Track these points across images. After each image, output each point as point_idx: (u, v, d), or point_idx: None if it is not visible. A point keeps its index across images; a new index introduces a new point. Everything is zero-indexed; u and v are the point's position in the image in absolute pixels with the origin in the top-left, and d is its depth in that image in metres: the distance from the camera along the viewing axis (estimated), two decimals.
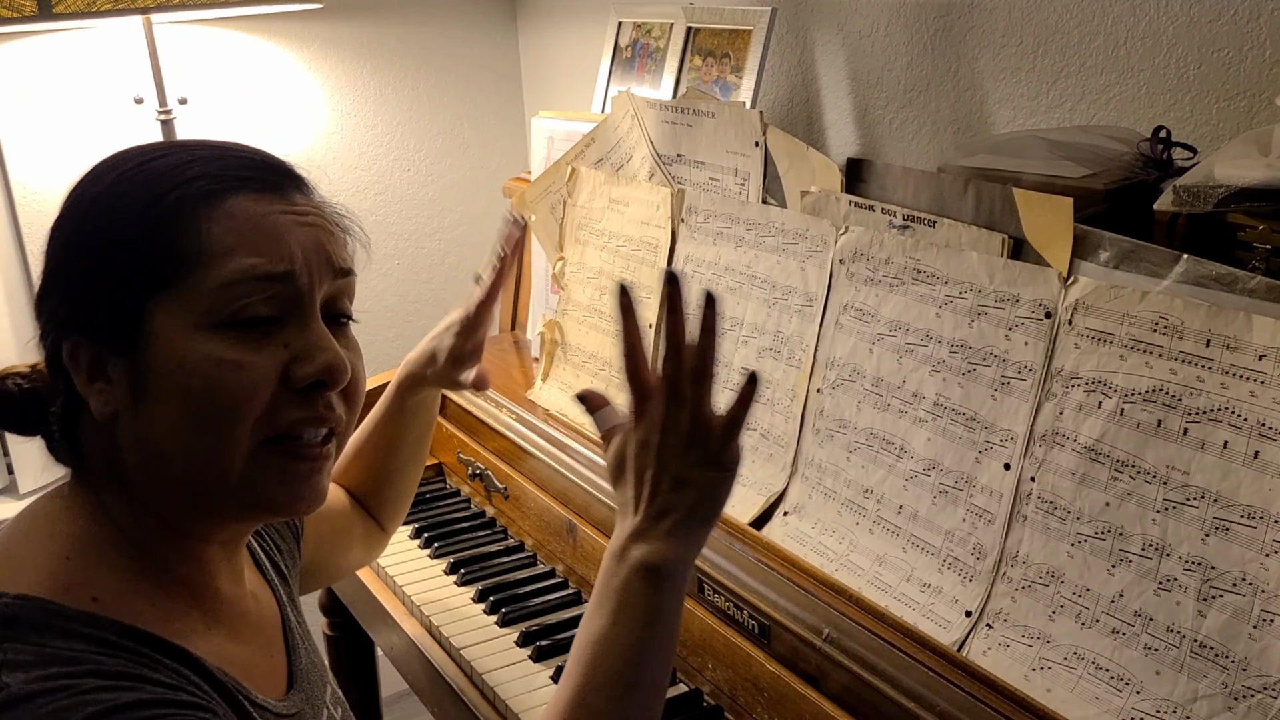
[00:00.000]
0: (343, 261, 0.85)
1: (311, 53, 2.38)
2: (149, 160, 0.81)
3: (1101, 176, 1.13)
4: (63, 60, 2.15)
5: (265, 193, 0.81)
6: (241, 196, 0.80)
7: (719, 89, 1.69)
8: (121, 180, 0.80)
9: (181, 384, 0.77)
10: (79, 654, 0.72)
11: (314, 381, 0.80)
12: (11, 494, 2.24)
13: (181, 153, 0.82)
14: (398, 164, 2.53)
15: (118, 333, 0.78)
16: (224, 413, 0.77)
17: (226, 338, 0.77)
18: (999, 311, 1.05)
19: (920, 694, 0.97)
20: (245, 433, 0.78)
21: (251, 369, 0.78)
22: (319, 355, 0.80)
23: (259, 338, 0.79)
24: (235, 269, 0.77)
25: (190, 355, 0.77)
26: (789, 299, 1.28)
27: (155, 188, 0.79)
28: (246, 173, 0.81)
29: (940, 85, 1.56)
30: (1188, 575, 0.89)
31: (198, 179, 0.79)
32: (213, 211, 0.78)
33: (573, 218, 1.65)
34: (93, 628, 0.74)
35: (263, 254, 0.79)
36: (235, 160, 0.82)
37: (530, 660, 1.31)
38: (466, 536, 1.61)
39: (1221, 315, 0.89)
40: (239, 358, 0.77)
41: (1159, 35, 1.29)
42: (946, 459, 1.09)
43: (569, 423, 1.55)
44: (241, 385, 0.77)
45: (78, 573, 0.77)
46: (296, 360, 0.80)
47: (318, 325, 0.81)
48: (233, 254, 0.78)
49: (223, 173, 0.80)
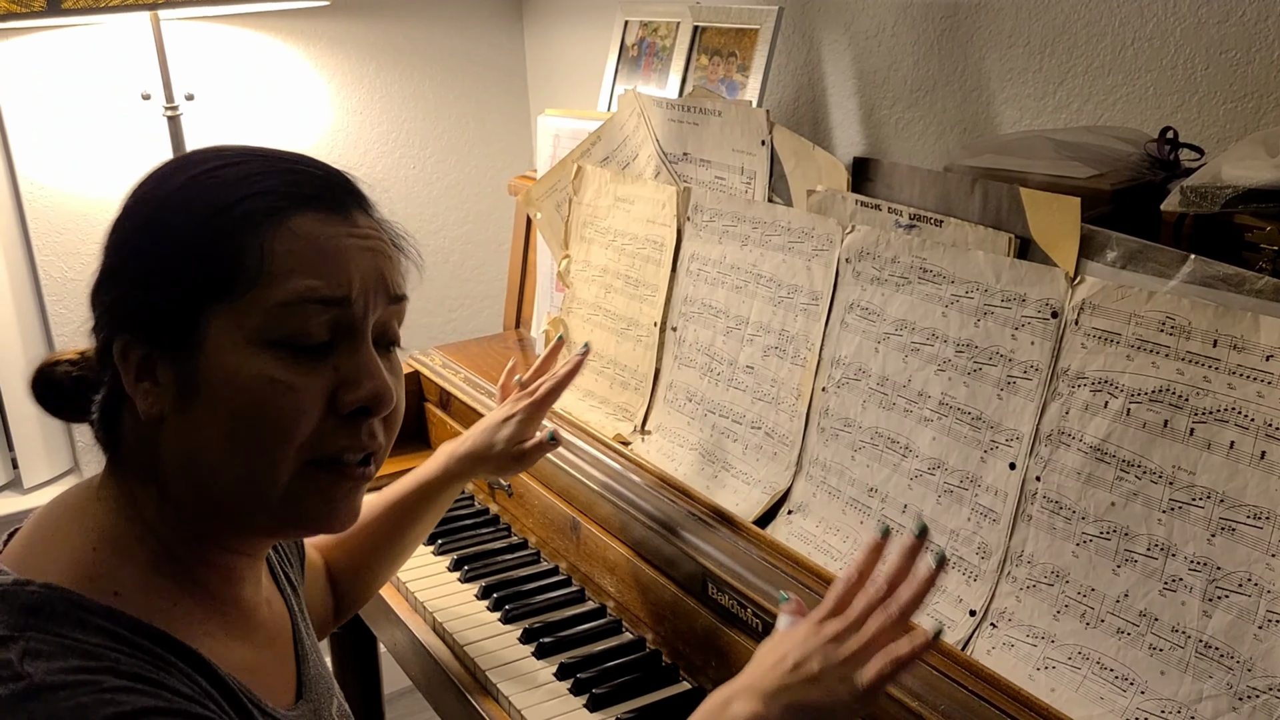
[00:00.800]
0: (398, 287, 0.85)
1: (318, 50, 2.38)
2: (220, 167, 0.81)
3: (1108, 177, 1.13)
4: (70, 56, 2.15)
5: (330, 213, 0.81)
6: (307, 215, 0.80)
7: (725, 88, 1.69)
8: (190, 184, 0.81)
9: (231, 399, 0.77)
10: (96, 649, 0.72)
11: (359, 408, 0.81)
12: (16, 489, 2.25)
13: (253, 163, 0.82)
14: (403, 161, 2.53)
15: (171, 337, 0.78)
16: (272, 433, 0.78)
17: (279, 357, 0.78)
18: (1005, 311, 1.05)
19: (924, 693, 0.97)
20: (290, 454, 0.79)
21: (302, 391, 0.78)
22: (366, 383, 0.80)
23: (310, 359, 0.79)
24: (294, 290, 0.78)
25: (242, 371, 0.77)
26: (794, 297, 1.28)
27: (223, 197, 0.79)
28: (313, 190, 0.81)
29: (947, 85, 1.56)
30: (1193, 575, 0.89)
31: (265, 194, 0.79)
32: (278, 229, 0.78)
33: (578, 216, 1.65)
34: (111, 622, 0.74)
35: (322, 277, 0.79)
36: (304, 176, 0.82)
37: (533, 657, 1.31)
38: (470, 534, 1.61)
39: (1228, 315, 0.88)
40: (290, 379, 0.78)
41: (1167, 36, 1.29)
42: (951, 458, 1.09)
43: (573, 420, 1.55)
44: (291, 407, 0.78)
45: (102, 565, 0.78)
46: (344, 385, 0.80)
47: (368, 351, 0.82)
48: (293, 275, 0.78)
49: (291, 189, 0.80)
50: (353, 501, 0.85)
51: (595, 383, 1.58)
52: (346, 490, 0.83)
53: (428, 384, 1.85)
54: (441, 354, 1.87)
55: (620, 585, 1.36)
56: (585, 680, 1.25)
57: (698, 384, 1.41)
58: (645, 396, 1.49)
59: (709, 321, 1.40)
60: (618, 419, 1.52)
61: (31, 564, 0.77)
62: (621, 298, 1.55)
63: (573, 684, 1.25)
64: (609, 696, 1.22)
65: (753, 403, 1.32)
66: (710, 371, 1.39)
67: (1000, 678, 0.97)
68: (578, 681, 1.25)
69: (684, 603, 1.24)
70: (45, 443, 2.23)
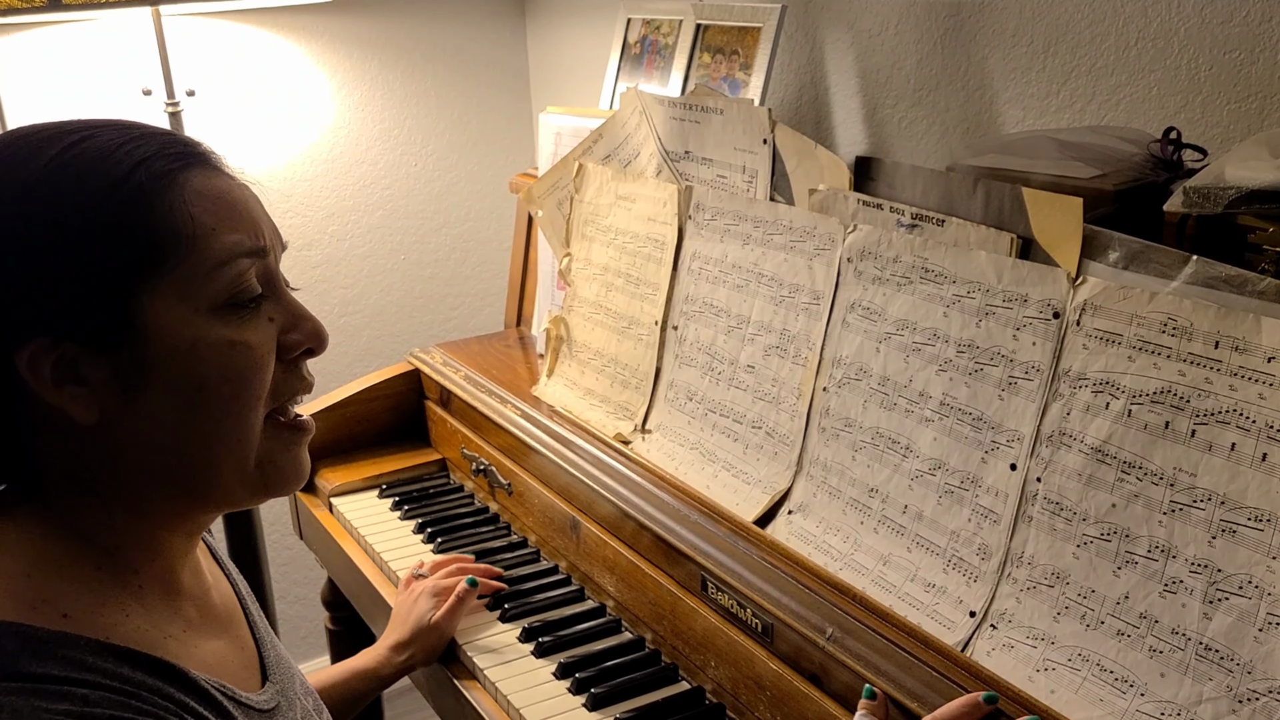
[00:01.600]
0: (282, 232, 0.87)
1: (320, 46, 2.38)
2: (77, 142, 0.74)
3: (1111, 177, 1.12)
4: (71, 52, 2.15)
5: (207, 165, 0.79)
6: (194, 173, 0.77)
7: (727, 86, 1.69)
8: (57, 167, 0.73)
9: (193, 372, 0.75)
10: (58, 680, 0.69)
11: (305, 349, 0.82)
12: None
13: (106, 131, 0.76)
14: (405, 159, 2.53)
15: (98, 331, 0.73)
16: (242, 396, 0.78)
17: (229, 320, 0.77)
18: (1007, 311, 1.05)
19: (923, 694, 0.97)
20: (260, 412, 0.80)
21: (258, 346, 0.79)
22: (304, 324, 0.82)
23: (250, 316, 0.79)
24: (225, 248, 0.77)
25: (200, 342, 0.76)
26: (796, 297, 1.28)
27: (110, 170, 0.73)
28: (183, 149, 0.79)
29: (950, 84, 1.56)
30: (1194, 577, 0.88)
31: (152, 159, 0.75)
32: (182, 191, 0.75)
33: (579, 214, 1.65)
34: (67, 648, 0.71)
35: (241, 230, 0.78)
36: (163, 137, 0.78)
37: (532, 656, 1.31)
38: (470, 532, 1.61)
39: (1231, 317, 0.88)
40: (246, 338, 0.78)
41: (1170, 36, 1.29)
42: (952, 459, 1.08)
43: (574, 419, 1.55)
44: (254, 364, 0.78)
45: (42, 588, 0.74)
46: (285, 332, 0.81)
47: (289, 295, 0.83)
48: (216, 233, 0.76)
49: (168, 149, 0.77)
50: (306, 455, 0.86)
51: (596, 381, 1.58)
52: (302, 443, 0.85)
53: (428, 382, 1.84)
54: (442, 352, 1.87)
55: (620, 584, 1.36)
56: (584, 679, 1.25)
57: (698, 383, 1.41)
58: (646, 395, 1.49)
59: (710, 320, 1.40)
60: (618, 418, 1.51)
61: None
62: (622, 296, 1.55)
63: (572, 683, 1.25)
64: (608, 696, 1.22)
65: (753, 402, 1.32)
66: (711, 371, 1.39)
67: (1000, 679, 0.96)
68: (577, 681, 1.25)
69: (684, 602, 1.24)
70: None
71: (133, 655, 0.74)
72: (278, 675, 0.92)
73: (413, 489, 1.74)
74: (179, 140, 0.80)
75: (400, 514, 1.68)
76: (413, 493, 1.73)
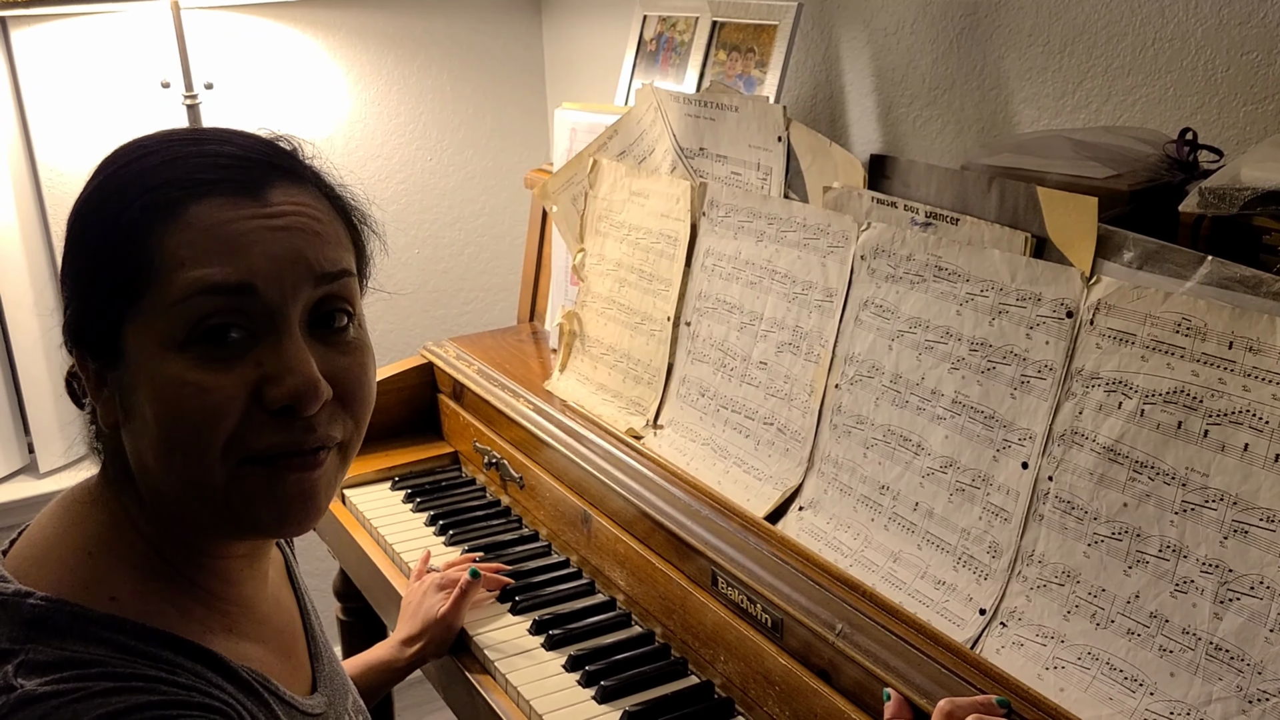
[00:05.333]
0: (328, 265, 0.78)
1: (337, 41, 2.39)
2: (124, 165, 0.77)
3: (1126, 177, 1.12)
4: (90, 44, 2.17)
5: (234, 196, 0.75)
6: (206, 203, 0.74)
7: (743, 84, 1.69)
8: (97, 190, 0.77)
9: (153, 407, 0.74)
10: (96, 658, 0.72)
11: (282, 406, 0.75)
12: (32, 473, 2.26)
13: (155, 155, 0.77)
14: (420, 153, 2.54)
15: (102, 349, 0.76)
16: (190, 437, 0.74)
17: (190, 357, 0.73)
18: (1020, 310, 1.05)
19: (933, 691, 0.97)
20: (216, 456, 0.75)
21: (216, 391, 0.73)
22: (287, 379, 0.74)
23: (228, 356, 0.74)
24: (185, 282, 0.73)
25: (157, 377, 0.74)
26: (809, 294, 1.28)
27: (123, 199, 0.75)
28: (216, 174, 0.76)
29: (965, 84, 1.56)
30: (1205, 577, 0.88)
31: (162, 187, 0.75)
32: (174, 224, 0.74)
33: (594, 209, 1.65)
34: (113, 631, 0.74)
35: (215, 265, 0.73)
36: (208, 160, 0.77)
37: (542, 649, 1.32)
38: (481, 525, 1.62)
39: (1245, 317, 0.88)
40: (202, 379, 0.73)
41: (1187, 37, 1.28)
42: (964, 457, 1.08)
43: (586, 414, 1.55)
44: (205, 408, 0.73)
45: (98, 569, 0.77)
46: (267, 381, 0.74)
47: (292, 343, 0.76)
48: (182, 267, 0.73)
49: (190, 176, 0.75)
50: (306, 499, 0.78)
51: (608, 376, 1.59)
52: (291, 485, 0.77)
53: (441, 375, 1.85)
54: (455, 345, 1.88)
55: (630, 579, 1.36)
56: (595, 672, 1.25)
57: (710, 379, 1.41)
58: (658, 391, 1.49)
59: (723, 317, 1.40)
60: (630, 413, 1.52)
61: (31, 571, 0.76)
62: (635, 292, 1.55)
63: (582, 676, 1.25)
64: (618, 689, 1.22)
65: (765, 398, 1.33)
66: (723, 367, 1.40)
67: (1009, 677, 0.97)
68: (587, 674, 1.25)
69: (694, 597, 1.24)
70: (61, 428, 2.24)
71: (174, 640, 0.76)
72: (328, 689, 0.93)
73: (425, 482, 1.75)
74: (224, 162, 0.77)
75: (412, 506, 1.69)
76: (425, 485, 1.74)
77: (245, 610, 0.86)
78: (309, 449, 0.77)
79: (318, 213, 0.79)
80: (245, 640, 0.84)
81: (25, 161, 2.18)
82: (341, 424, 0.79)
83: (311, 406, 0.76)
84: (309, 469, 0.78)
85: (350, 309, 0.81)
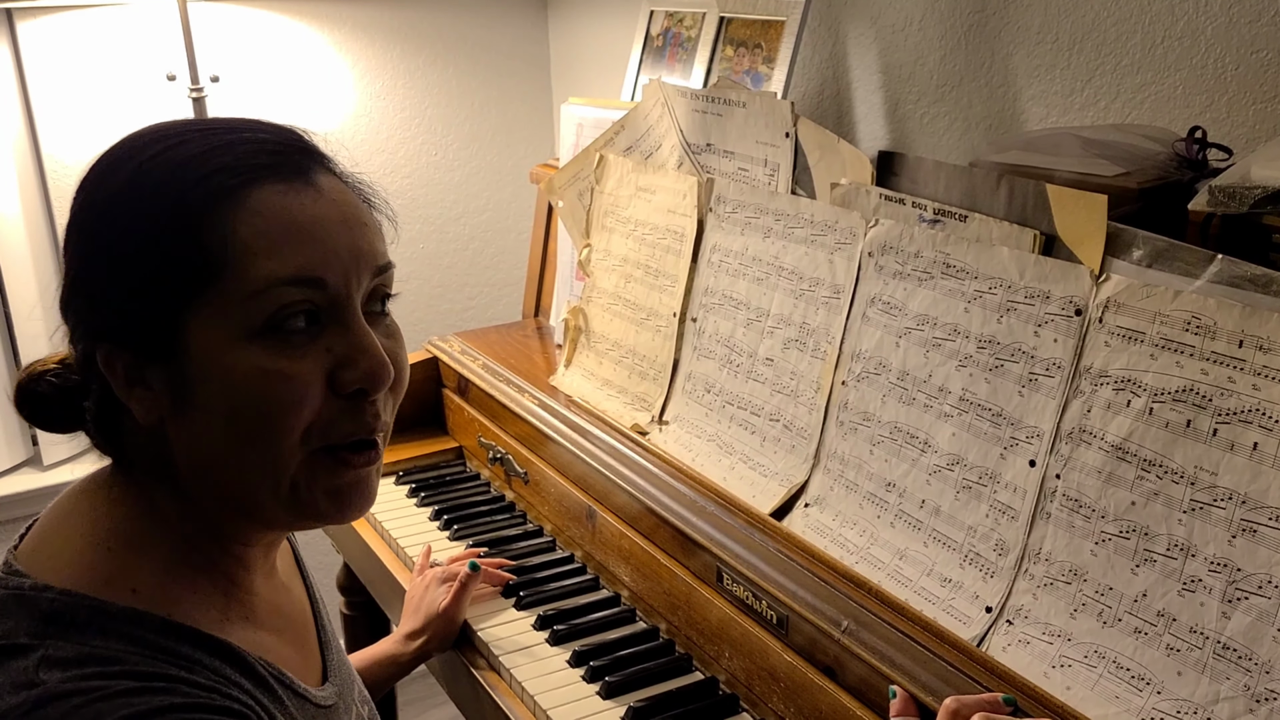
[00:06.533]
0: (380, 258, 0.81)
1: (343, 34, 2.39)
2: (163, 151, 0.76)
3: (1135, 175, 1.12)
4: (96, 36, 2.16)
5: (291, 180, 0.76)
6: (266, 188, 0.75)
7: (750, 79, 1.68)
8: (137, 176, 0.76)
9: (228, 398, 0.74)
10: (117, 654, 0.71)
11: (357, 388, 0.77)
12: (35, 465, 2.26)
13: (196, 139, 0.77)
14: (425, 148, 2.54)
15: (154, 342, 0.75)
16: (274, 425, 0.75)
17: (268, 346, 0.74)
18: (1028, 307, 1.05)
19: (938, 688, 0.97)
20: (295, 443, 0.76)
21: (297, 379, 0.75)
22: (361, 361, 0.77)
23: (301, 343, 0.75)
24: (263, 277, 0.74)
25: (235, 368, 0.74)
26: (816, 290, 1.28)
27: (174, 184, 0.74)
28: (268, 159, 0.76)
29: (973, 81, 1.55)
30: (1213, 576, 0.88)
31: (219, 172, 0.74)
32: (238, 210, 0.74)
33: (600, 205, 1.65)
34: (133, 625, 0.74)
35: (292, 258, 0.74)
36: (255, 145, 0.77)
37: (547, 644, 1.32)
38: (486, 520, 1.62)
39: (1255, 316, 0.88)
40: (283, 367, 0.74)
41: (1197, 35, 1.28)
42: (971, 454, 1.08)
43: (591, 409, 1.55)
44: (290, 397, 0.75)
45: (119, 562, 0.77)
46: (340, 366, 0.77)
47: (359, 326, 0.78)
48: (259, 259, 0.74)
49: (244, 161, 0.75)
50: (363, 489, 0.81)
51: (614, 372, 1.58)
52: (355, 478, 0.80)
53: (446, 370, 1.85)
54: (460, 340, 1.88)
55: (635, 574, 1.36)
56: (599, 668, 1.25)
57: (716, 375, 1.41)
58: (663, 387, 1.49)
59: (729, 313, 1.40)
60: (635, 409, 1.52)
61: (47, 565, 0.76)
62: (641, 287, 1.55)
63: (586, 671, 1.25)
64: (622, 685, 1.22)
65: (771, 395, 1.32)
66: (729, 363, 1.39)
67: (1015, 675, 0.96)
68: (591, 669, 1.25)
69: (698, 593, 1.24)
70: None
71: (194, 634, 0.76)
72: (337, 679, 0.94)
73: (429, 476, 1.75)
74: (270, 146, 0.78)
75: (417, 501, 1.68)
76: (429, 480, 1.74)
77: (260, 599, 0.87)
78: (373, 437, 0.80)
79: (358, 203, 0.82)
80: (261, 630, 0.85)
81: (31, 154, 2.18)
82: (390, 407, 0.83)
83: (383, 385, 0.79)
84: (370, 463, 0.80)
85: (390, 294, 0.84)
